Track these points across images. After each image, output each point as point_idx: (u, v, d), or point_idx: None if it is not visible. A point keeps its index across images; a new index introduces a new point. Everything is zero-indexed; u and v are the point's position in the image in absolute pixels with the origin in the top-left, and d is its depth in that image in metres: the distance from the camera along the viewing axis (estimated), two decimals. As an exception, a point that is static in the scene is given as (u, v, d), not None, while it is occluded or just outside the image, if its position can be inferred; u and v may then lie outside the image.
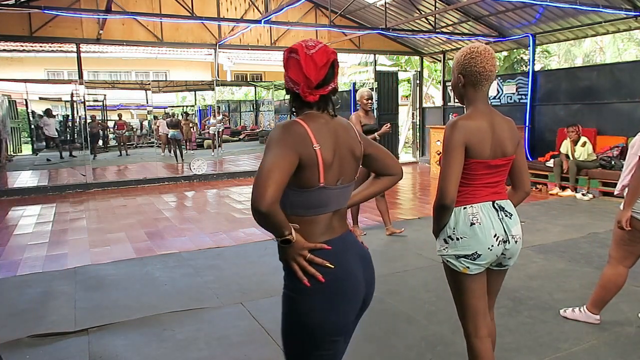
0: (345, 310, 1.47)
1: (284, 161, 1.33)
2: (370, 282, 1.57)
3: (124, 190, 9.21)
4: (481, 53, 1.86)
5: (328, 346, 1.49)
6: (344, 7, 10.25)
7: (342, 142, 1.48)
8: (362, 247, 1.59)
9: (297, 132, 1.39)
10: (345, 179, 1.50)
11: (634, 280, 3.48)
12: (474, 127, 1.84)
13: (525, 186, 2.02)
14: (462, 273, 1.90)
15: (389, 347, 2.79)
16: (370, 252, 1.64)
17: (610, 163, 7.36)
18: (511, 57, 18.30)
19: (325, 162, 1.40)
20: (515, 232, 1.91)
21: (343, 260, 1.46)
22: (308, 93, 1.44)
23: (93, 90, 15.65)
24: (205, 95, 18.74)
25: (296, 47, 1.45)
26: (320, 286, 1.41)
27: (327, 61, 1.44)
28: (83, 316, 3.34)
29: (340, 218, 1.53)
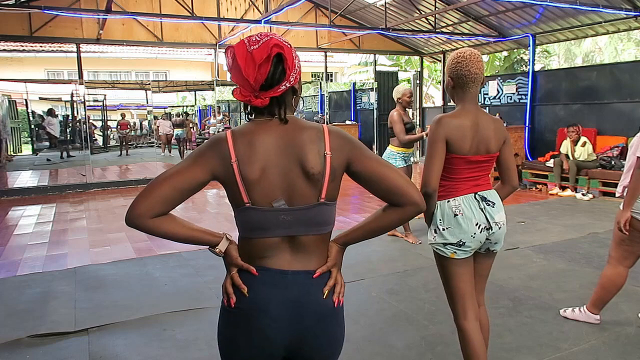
0: (246, 348, 1.27)
1: (183, 174, 1.22)
2: (307, 336, 1.27)
3: (124, 190, 9.21)
4: (467, 57, 2.01)
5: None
6: (344, 7, 10.25)
7: (283, 154, 1.23)
8: (310, 296, 1.27)
9: (217, 146, 1.23)
10: (294, 200, 1.23)
11: (634, 280, 3.48)
12: (456, 124, 1.99)
13: (512, 181, 2.16)
14: (450, 258, 2.06)
15: (389, 347, 2.79)
16: (371, 252, 1.61)
17: (610, 163, 7.36)
18: (511, 57, 18.31)
19: (245, 179, 1.21)
20: (498, 218, 2.06)
21: (260, 295, 1.25)
22: (252, 97, 1.22)
23: (93, 90, 15.68)
24: (205, 95, 18.75)
25: (238, 44, 1.23)
26: (230, 313, 1.29)
27: (267, 56, 1.19)
28: (83, 316, 3.34)
29: (298, 248, 1.26)
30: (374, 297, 3.59)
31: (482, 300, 2.24)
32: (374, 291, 3.69)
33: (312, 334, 1.27)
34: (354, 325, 3.12)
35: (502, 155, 2.13)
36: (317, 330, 1.28)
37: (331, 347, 1.32)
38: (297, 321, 1.25)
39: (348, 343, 2.87)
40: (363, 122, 13.68)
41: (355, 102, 14.40)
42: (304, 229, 1.25)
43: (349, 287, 3.81)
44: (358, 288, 3.79)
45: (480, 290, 2.23)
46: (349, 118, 14.15)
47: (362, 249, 4.76)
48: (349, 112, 14.41)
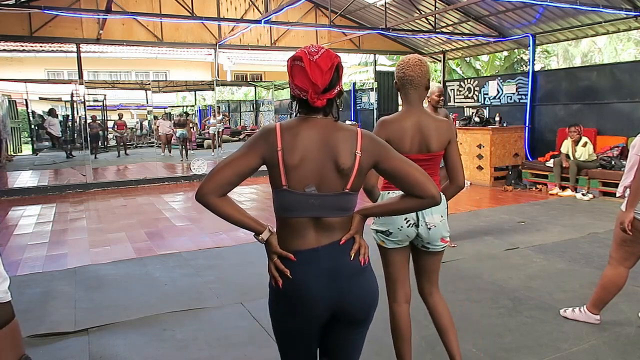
0: (294, 320, 1.52)
1: (240, 161, 1.46)
2: (345, 295, 1.50)
3: (124, 190, 9.21)
4: (406, 62, 2.21)
5: (292, 344, 1.59)
6: (344, 7, 10.25)
7: (320, 149, 1.46)
8: (340, 261, 1.50)
9: (266, 135, 1.48)
10: (323, 187, 1.46)
11: (634, 280, 3.47)
12: (396, 125, 2.18)
13: (457, 180, 2.28)
14: (383, 246, 2.27)
15: (389, 347, 2.79)
16: (370, 252, 1.61)
17: (610, 163, 7.35)
18: (511, 57, 18.30)
19: (286, 165, 1.44)
20: (429, 220, 2.18)
21: (302, 274, 1.48)
22: (316, 98, 1.46)
23: (93, 90, 15.68)
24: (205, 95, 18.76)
25: (300, 54, 1.46)
26: (279, 291, 1.51)
27: (331, 65, 1.45)
28: (83, 316, 3.34)
29: (323, 228, 1.49)
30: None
31: (434, 290, 2.38)
32: (374, 291, 3.69)
33: (348, 291, 1.50)
34: (354, 325, 3.12)
35: (447, 154, 2.26)
36: (352, 287, 1.51)
37: (367, 300, 1.56)
38: (333, 284, 1.48)
39: (348, 343, 2.88)
40: (363, 122, 13.67)
41: (355, 102, 14.39)
42: (329, 212, 1.48)
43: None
44: (358, 288, 3.78)
45: (430, 282, 2.37)
46: (348, 118, 14.15)
47: (362, 249, 4.76)
48: (349, 112, 14.40)
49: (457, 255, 4.48)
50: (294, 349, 1.60)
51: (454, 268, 4.12)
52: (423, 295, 2.43)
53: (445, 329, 2.35)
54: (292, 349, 1.60)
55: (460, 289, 3.65)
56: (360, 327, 1.60)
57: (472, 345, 2.79)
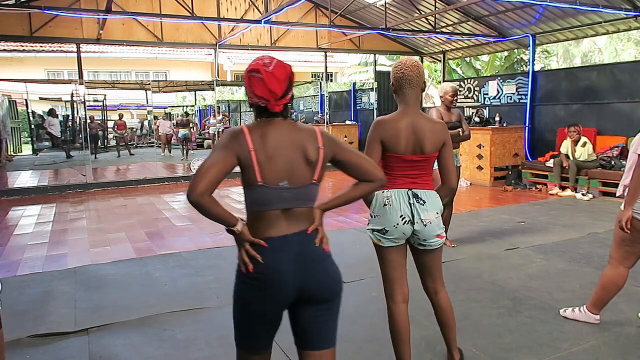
0: (264, 303, 1.63)
1: (223, 161, 1.58)
2: (310, 278, 1.64)
3: (124, 190, 9.21)
4: (403, 63, 2.27)
5: (254, 325, 1.69)
6: (344, 7, 10.25)
7: (289, 146, 1.62)
8: (308, 247, 1.65)
9: (236, 137, 1.61)
10: (294, 181, 1.62)
11: (634, 280, 3.47)
12: (390, 126, 2.21)
13: (449, 182, 2.32)
14: (379, 245, 2.29)
15: (389, 347, 2.79)
16: (371, 252, 1.64)
17: (610, 163, 7.35)
18: (511, 57, 18.29)
19: (260, 163, 1.58)
20: (424, 217, 2.22)
21: (271, 259, 1.60)
22: (275, 104, 1.61)
23: (93, 90, 15.67)
24: (205, 95, 18.75)
25: (255, 66, 1.61)
26: (248, 276, 1.62)
27: (286, 75, 1.62)
28: (83, 316, 3.34)
29: (293, 218, 1.64)
30: (374, 297, 3.59)
31: (439, 287, 2.41)
32: (374, 291, 3.69)
33: (314, 274, 1.65)
34: (354, 325, 3.12)
35: (441, 156, 2.30)
36: (318, 270, 1.66)
37: (331, 282, 1.70)
38: (301, 268, 1.63)
39: (348, 343, 2.88)
40: (363, 122, 13.67)
41: (355, 102, 14.39)
42: (298, 203, 1.64)
43: (349, 286, 3.80)
44: (358, 288, 3.78)
45: (433, 279, 2.40)
46: (349, 118, 14.15)
47: (362, 249, 4.75)
48: (349, 112, 14.40)
49: (457, 255, 4.48)
50: (257, 326, 1.69)
51: (454, 268, 4.12)
52: (428, 294, 2.46)
53: (446, 325, 2.43)
54: (254, 327, 1.69)
55: (460, 289, 3.65)
56: (326, 304, 1.70)
57: (472, 345, 2.79)
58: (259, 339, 1.72)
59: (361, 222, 6.06)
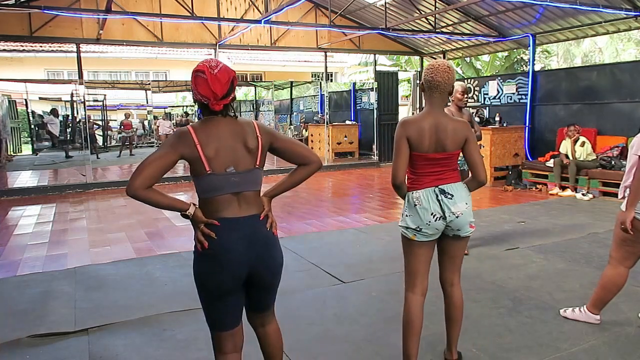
0: (221, 276, 1.82)
1: (163, 159, 1.77)
2: (258, 258, 1.85)
3: (124, 190, 9.20)
4: (435, 67, 2.33)
5: (217, 301, 1.88)
6: (344, 7, 10.25)
7: (230, 137, 1.83)
8: (258, 231, 1.87)
9: (182, 137, 1.79)
10: (238, 167, 1.83)
11: (634, 280, 3.47)
12: (415, 125, 2.30)
13: (478, 176, 2.40)
14: (411, 240, 2.37)
15: (389, 347, 2.79)
16: (371, 252, 1.64)
17: (610, 163, 7.35)
18: (511, 57, 18.29)
19: (207, 155, 1.78)
20: (455, 209, 2.32)
21: (225, 237, 1.80)
22: (215, 104, 1.80)
23: (93, 90, 15.66)
24: (205, 95, 18.71)
25: (202, 67, 1.80)
26: (205, 253, 1.81)
27: (228, 78, 1.80)
28: (83, 316, 3.34)
29: (243, 202, 1.85)
30: (374, 297, 3.59)
31: (456, 280, 2.50)
32: (374, 291, 3.69)
33: (263, 257, 1.88)
34: (353, 325, 3.12)
35: (466, 153, 2.38)
36: (265, 253, 1.89)
37: (276, 266, 1.95)
38: (251, 249, 1.84)
39: (348, 343, 2.88)
40: (363, 122, 13.67)
41: (355, 102, 14.39)
42: (247, 187, 1.85)
43: (349, 286, 3.81)
44: (358, 288, 3.78)
45: (454, 269, 2.49)
46: (349, 118, 14.14)
47: (362, 249, 4.76)
48: (349, 112, 14.40)
49: (457, 255, 4.47)
50: (219, 301, 1.88)
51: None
52: (444, 285, 2.52)
53: (454, 320, 2.50)
54: (218, 302, 1.88)
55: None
56: (271, 285, 1.98)
57: (472, 345, 2.79)
58: (225, 316, 1.92)
59: (361, 222, 6.05)
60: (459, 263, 2.50)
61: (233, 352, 1.98)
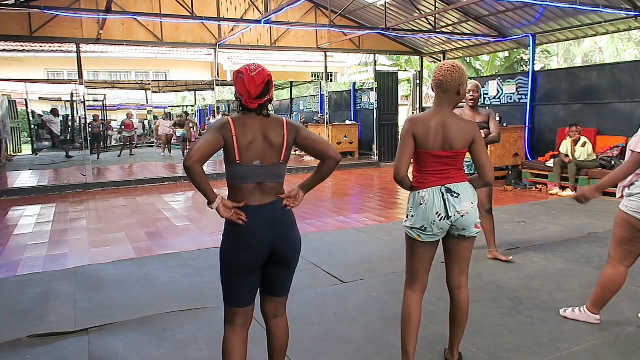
0: (245, 254, 2.03)
1: (211, 139, 1.96)
2: (279, 238, 2.06)
3: (124, 190, 9.21)
4: (440, 66, 2.38)
5: (237, 277, 2.07)
6: (344, 7, 10.25)
7: (261, 134, 2.02)
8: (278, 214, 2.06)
9: (223, 124, 2.00)
10: (265, 161, 2.02)
11: (634, 280, 3.48)
12: (421, 122, 2.33)
13: (484, 176, 2.39)
14: (415, 240, 2.38)
15: (389, 347, 2.79)
16: (371, 252, 1.64)
17: (610, 163, 7.36)
18: (511, 57, 18.30)
19: (239, 146, 1.98)
20: (460, 208, 2.31)
21: (250, 221, 2.01)
22: (249, 102, 2.01)
23: (93, 90, 15.66)
24: (205, 95, 18.72)
25: (242, 70, 2.01)
26: (233, 234, 2.04)
27: (263, 80, 2.00)
28: (83, 316, 3.34)
29: (265, 191, 2.05)
30: (374, 297, 3.59)
31: (463, 283, 2.50)
32: (374, 291, 3.69)
33: (283, 235, 2.08)
34: (354, 325, 3.12)
35: (473, 153, 2.38)
36: (286, 232, 2.09)
37: (294, 244, 2.13)
38: (273, 229, 2.05)
39: (348, 343, 2.88)
40: (363, 122, 13.67)
41: (355, 102, 14.39)
42: (268, 179, 2.05)
43: (349, 286, 3.81)
44: (358, 288, 3.78)
45: (461, 271, 2.49)
46: (349, 118, 14.14)
47: (362, 249, 4.76)
48: (349, 112, 14.40)
49: (457, 255, 4.47)
50: (239, 278, 2.07)
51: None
52: (451, 288, 2.51)
53: (458, 322, 2.50)
54: (238, 279, 2.07)
55: (460, 289, 3.65)
56: (290, 263, 2.15)
57: (472, 345, 2.79)
58: (242, 292, 2.10)
59: (361, 222, 6.05)
60: (466, 265, 2.49)
61: (242, 326, 2.14)
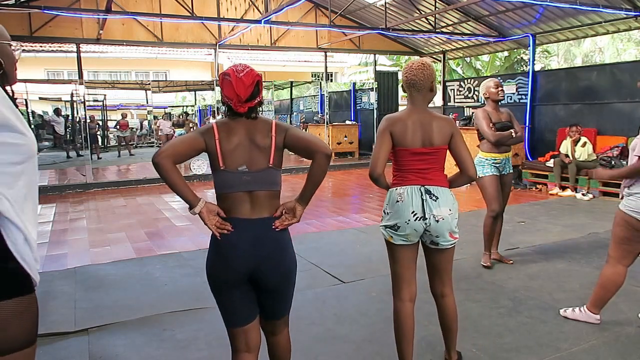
0: (224, 269, 1.87)
1: (189, 138, 1.87)
2: (266, 259, 1.86)
3: (124, 190, 9.21)
4: (409, 66, 2.35)
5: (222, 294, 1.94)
6: (344, 7, 10.26)
7: (246, 137, 1.87)
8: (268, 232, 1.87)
9: (207, 129, 1.88)
10: (251, 166, 1.85)
11: (633, 280, 3.48)
12: (398, 120, 2.31)
13: (467, 171, 2.35)
14: (391, 242, 2.33)
15: (389, 347, 2.79)
16: (371, 252, 1.64)
17: (610, 163, 7.35)
18: (511, 57, 18.30)
19: (222, 150, 1.84)
20: (437, 212, 2.25)
21: (234, 235, 1.84)
22: (239, 106, 1.85)
23: (93, 90, 15.66)
24: (205, 95, 18.75)
25: (229, 71, 1.86)
26: (215, 246, 1.89)
27: (252, 81, 1.84)
28: (83, 316, 3.34)
29: (257, 201, 1.86)
30: (374, 297, 3.59)
31: (447, 291, 2.42)
32: (374, 291, 3.69)
33: (270, 257, 1.87)
34: (353, 325, 3.12)
35: (453, 148, 2.34)
36: (273, 254, 1.88)
37: (283, 268, 1.92)
38: (259, 248, 1.85)
39: (348, 343, 2.88)
40: (363, 122, 13.67)
41: (355, 102, 14.39)
42: (259, 186, 1.86)
43: (349, 286, 3.81)
44: (358, 288, 3.78)
45: (442, 282, 2.42)
46: (349, 118, 14.15)
47: (362, 249, 4.76)
48: (349, 112, 14.40)
49: (457, 255, 4.43)
50: (225, 295, 1.93)
51: (454, 268, 4.10)
52: (435, 296, 2.46)
53: (448, 328, 2.46)
54: (223, 295, 1.93)
55: (461, 289, 3.65)
56: (274, 293, 1.95)
57: (472, 345, 2.79)
58: (233, 310, 1.94)
59: (361, 222, 6.05)
60: (447, 275, 2.42)
61: (245, 351, 1.97)
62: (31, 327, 1.35)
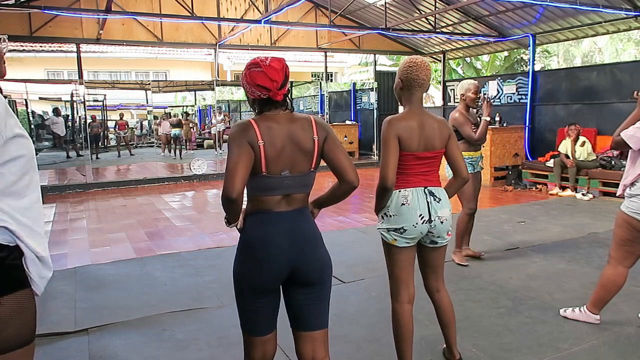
0: (259, 271, 1.74)
1: (244, 157, 1.66)
2: (299, 257, 1.75)
3: (124, 190, 9.21)
4: (418, 64, 2.26)
5: (251, 300, 1.79)
6: (344, 7, 10.25)
7: (289, 138, 1.73)
8: (302, 225, 1.78)
9: (246, 130, 1.69)
10: (294, 170, 1.74)
11: (634, 280, 3.47)
12: (404, 124, 2.24)
13: (461, 173, 2.35)
14: (392, 245, 2.29)
15: (389, 347, 2.79)
16: (371, 252, 1.64)
17: (610, 163, 7.35)
18: (511, 57, 18.29)
19: (267, 156, 1.69)
20: (441, 214, 2.26)
21: (264, 231, 1.74)
22: (277, 93, 1.72)
23: (93, 90, 15.65)
24: (205, 95, 18.73)
25: (254, 62, 1.73)
26: (245, 247, 1.77)
27: (282, 65, 1.73)
28: (83, 316, 3.34)
29: (291, 201, 1.78)
30: (374, 297, 3.59)
31: (441, 286, 2.45)
32: (374, 291, 3.69)
33: (305, 252, 1.77)
34: (354, 325, 3.12)
35: (448, 150, 2.33)
36: (309, 248, 1.78)
37: (318, 263, 1.81)
38: (293, 244, 1.75)
39: (348, 343, 2.88)
40: (363, 122, 13.67)
41: (355, 102, 14.39)
42: (298, 189, 1.78)
43: (349, 286, 3.81)
44: (358, 288, 3.78)
45: (437, 277, 2.44)
46: (349, 118, 14.15)
47: (362, 249, 4.76)
48: (349, 112, 14.40)
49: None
50: (254, 300, 1.78)
51: (454, 268, 4.12)
52: (430, 292, 2.48)
53: (447, 323, 2.47)
54: (252, 301, 1.79)
55: (461, 289, 3.65)
56: (316, 287, 1.82)
57: (472, 345, 2.79)
58: (258, 318, 1.81)
59: (361, 222, 6.05)
60: (440, 270, 2.45)
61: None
62: (30, 326, 1.35)
